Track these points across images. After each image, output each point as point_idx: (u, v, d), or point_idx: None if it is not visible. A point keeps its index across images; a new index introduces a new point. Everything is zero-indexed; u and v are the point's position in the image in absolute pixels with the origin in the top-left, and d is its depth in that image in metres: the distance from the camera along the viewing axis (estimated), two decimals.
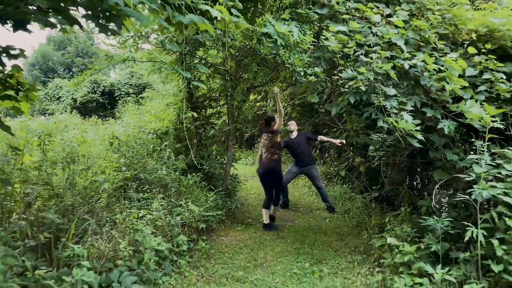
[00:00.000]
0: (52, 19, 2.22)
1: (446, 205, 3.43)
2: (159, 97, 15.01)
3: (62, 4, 2.06)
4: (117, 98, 20.50)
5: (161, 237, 3.45)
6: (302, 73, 3.52)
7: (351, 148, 7.58)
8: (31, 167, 3.40)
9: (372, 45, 3.01)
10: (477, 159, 2.75)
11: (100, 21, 2.09)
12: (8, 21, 2.04)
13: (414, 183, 5.19)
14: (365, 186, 6.60)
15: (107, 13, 1.98)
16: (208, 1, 2.05)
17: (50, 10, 2.14)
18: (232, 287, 3.18)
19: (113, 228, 3.15)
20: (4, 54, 2.65)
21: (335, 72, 3.10)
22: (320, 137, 6.16)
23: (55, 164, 3.58)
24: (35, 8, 2.08)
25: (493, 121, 2.87)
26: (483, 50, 3.23)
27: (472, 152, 3.01)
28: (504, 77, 3.06)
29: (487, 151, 2.88)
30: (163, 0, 1.72)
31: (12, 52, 2.69)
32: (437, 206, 3.16)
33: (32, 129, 4.96)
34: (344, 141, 5.69)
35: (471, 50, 3.17)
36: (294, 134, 6.13)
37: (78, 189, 3.48)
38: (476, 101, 3.15)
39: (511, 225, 2.40)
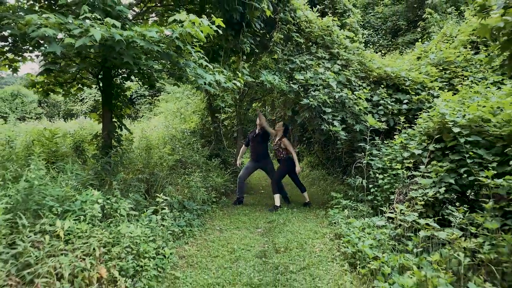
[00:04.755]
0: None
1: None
2: (172, 99, 17.51)
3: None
4: (134, 99, 23.01)
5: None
6: (288, 91, 6.09)
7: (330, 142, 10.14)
8: (128, 151, 5.99)
9: (318, 85, 5.57)
10: (366, 145, 5.31)
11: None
12: (143, 84, 4.60)
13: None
14: (337, 171, 9.18)
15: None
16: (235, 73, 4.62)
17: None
18: (242, 217, 5.75)
19: (177, 185, 5.73)
20: None
21: (298, 99, 5.67)
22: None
23: (139, 150, 6.17)
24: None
25: (385, 125, 5.44)
26: (382, 86, 5.79)
27: (376, 143, 5.58)
28: (390, 101, 5.62)
29: (379, 141, 5.46)
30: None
31: None
32: (353, 172, 5.72)
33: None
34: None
35: (367, 88, 5.74)
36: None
37: (153, 164, 6.06)
38: (378, 114, 5.74)
39: (379, 177, 4.95)
